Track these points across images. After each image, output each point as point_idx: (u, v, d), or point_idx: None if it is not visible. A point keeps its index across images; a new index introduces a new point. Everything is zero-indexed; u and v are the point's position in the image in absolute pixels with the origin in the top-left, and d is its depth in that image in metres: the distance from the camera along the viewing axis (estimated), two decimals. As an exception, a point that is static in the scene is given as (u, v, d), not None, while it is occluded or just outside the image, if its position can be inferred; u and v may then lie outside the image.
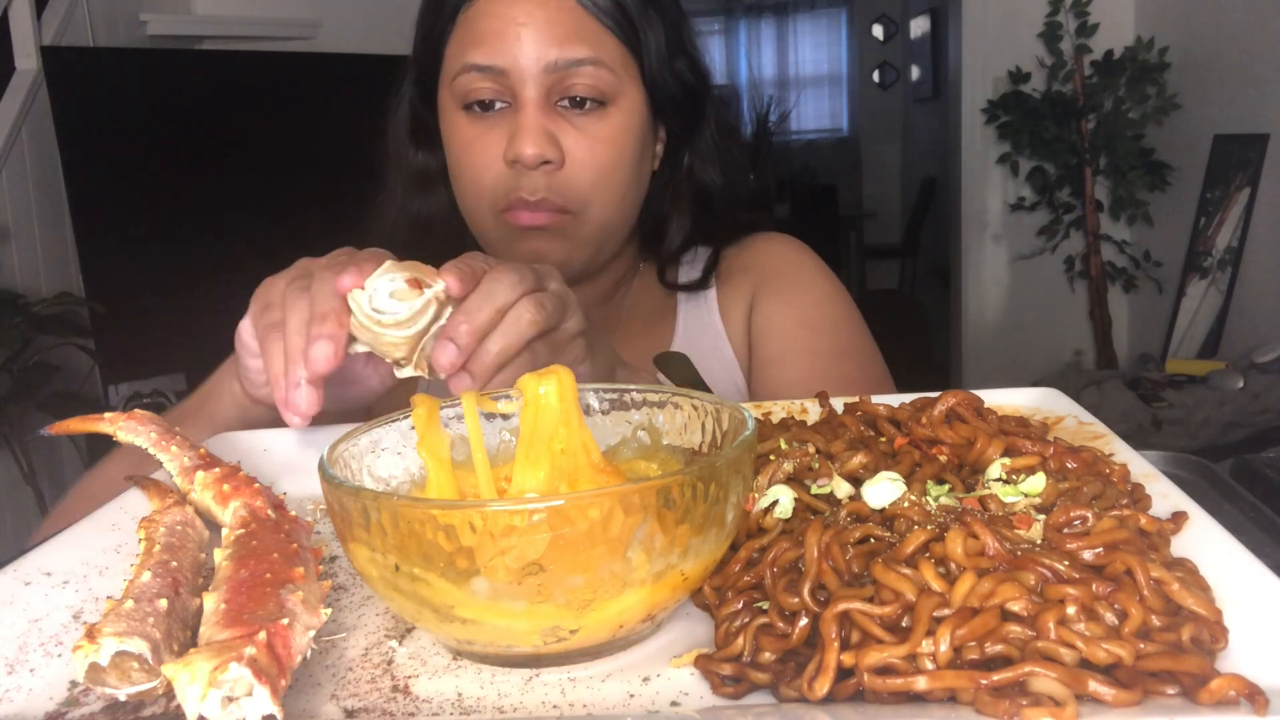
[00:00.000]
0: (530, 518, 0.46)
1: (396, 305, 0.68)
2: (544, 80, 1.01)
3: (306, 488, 0.72)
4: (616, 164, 1.05)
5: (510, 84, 1.02)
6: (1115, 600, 0.46)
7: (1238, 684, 0.41)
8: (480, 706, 0.48)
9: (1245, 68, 3.72)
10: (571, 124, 1.03)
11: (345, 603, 0.60)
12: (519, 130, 1.01)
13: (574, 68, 1.01)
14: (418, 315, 0.69)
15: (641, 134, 1.08)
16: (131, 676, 0.47)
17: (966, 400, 0.67)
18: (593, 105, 1.03)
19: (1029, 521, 0.52)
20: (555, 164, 1.02)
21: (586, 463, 0.58)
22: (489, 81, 1.02)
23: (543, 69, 1.01)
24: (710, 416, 0.61)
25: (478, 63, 1.02)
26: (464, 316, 0.70)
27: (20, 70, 3.11)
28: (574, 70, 1.01)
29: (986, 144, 4.76)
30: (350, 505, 0.50)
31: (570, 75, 1.01)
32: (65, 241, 3.17)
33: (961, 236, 4.96)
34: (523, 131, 1.01)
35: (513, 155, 1.01)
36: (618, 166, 1.05)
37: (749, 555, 0.55)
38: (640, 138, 1.08)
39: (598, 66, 1.02)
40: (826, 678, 0.45)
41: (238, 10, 4.03)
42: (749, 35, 9.41)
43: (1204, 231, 3.95)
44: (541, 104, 1.02)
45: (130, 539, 0.66)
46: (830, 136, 9.32)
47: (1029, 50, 4.57)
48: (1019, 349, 4.87)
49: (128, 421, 0.71)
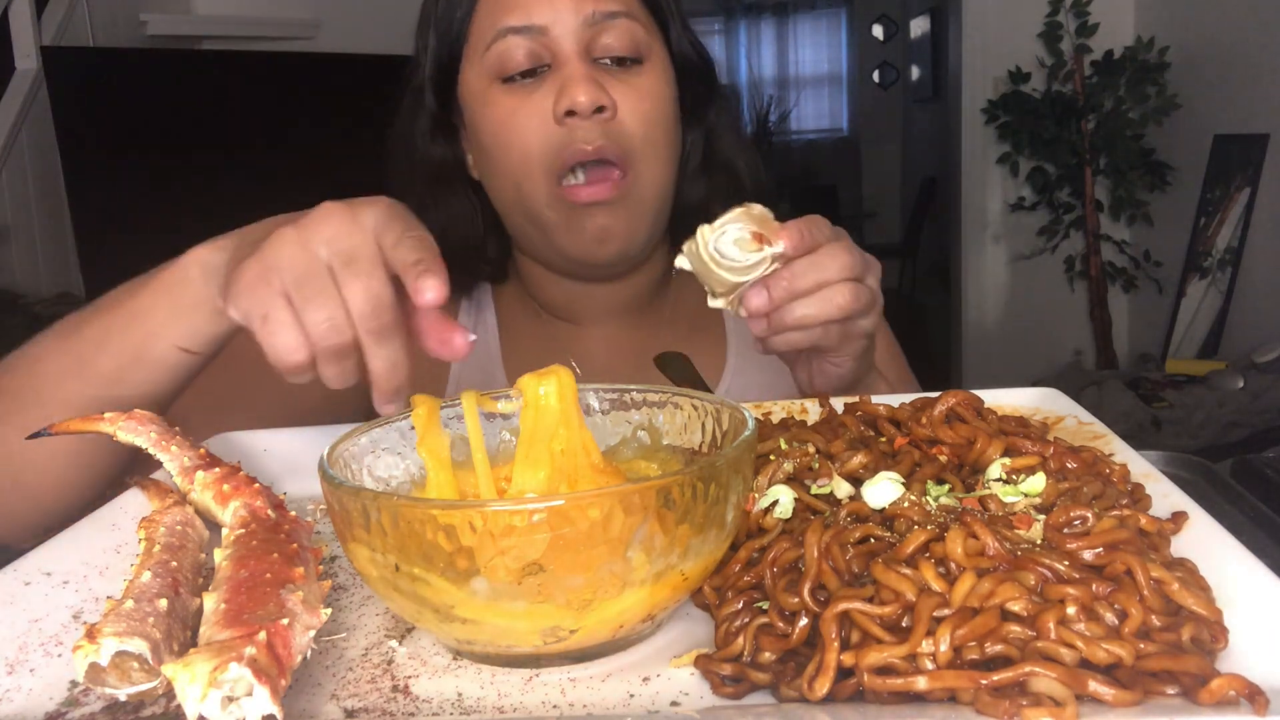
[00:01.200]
0: (530, 518, 0.46)
1: (737, 253, 0.75)
2: (584, 34, 1.01)
3: (306, 488, 0.72)
4: (662, 116, 1.05)
5: (550, 42, 1.01)
6: (1115, 600, 0.46)
7: (1238, 684, 0.41)
8: (480, 706, 0.48)
9: (1245, 68, 3.72)
10: (613, 77, 1.02)
11: (345, 603, 0.60)
12: (569, 81, 0.99)
13: (611, 20, 1.01)
14: (752, 268, 0.76)
15: (674, 95, 1.08)
16: (131, 676, 0.47)
17: (966, 400, 0.67)
18: (630, 64, 1.03)
19: (1029, 521, 0.52)
20: (608, 111, 1.00)
21: (586, 463, 0.58)
22: (527, 43, 1.01)
23: (582, 21, 1.01)
24: (710, 416, 0.61)
25: (514, 24, 1.01)
26: (789, 277, 0.76)
27: (20, 70, 3.11)
28: (611, 23, 1.01)
29: (986, 144, 4.76)
30: (350, 505, 0.50)
31: (607, 29, 1.01)
32: (65, 241, 3.17)
33: (961, 236, 4.96)
34: (573, 81, 0.99)
35: (566, 105, 0.99)
36: (663, 119, 1.05)
37: (749, 555, 0.55)
38: (674, 98, 1.08)
39: (632, 19, 1.03)
40: (826, 678, 0.45)
41: (238, 10, 4.03)
42: (749, 35, 9.41)
43: (1204, 231, 3.95)
44: (584, 57, 1.01)
45: (130, 539, 0.66)
46: (830, 136, 9.32)
47: (1029, 50, 4.57)
48: (1019, 349, 4.87)
49: (128, 421, 0.71)
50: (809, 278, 0.77)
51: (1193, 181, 4.03)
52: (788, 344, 0.80)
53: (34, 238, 3.12)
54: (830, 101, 9.39)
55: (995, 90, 4.68)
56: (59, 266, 3.19)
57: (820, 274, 0.77)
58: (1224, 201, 3.83)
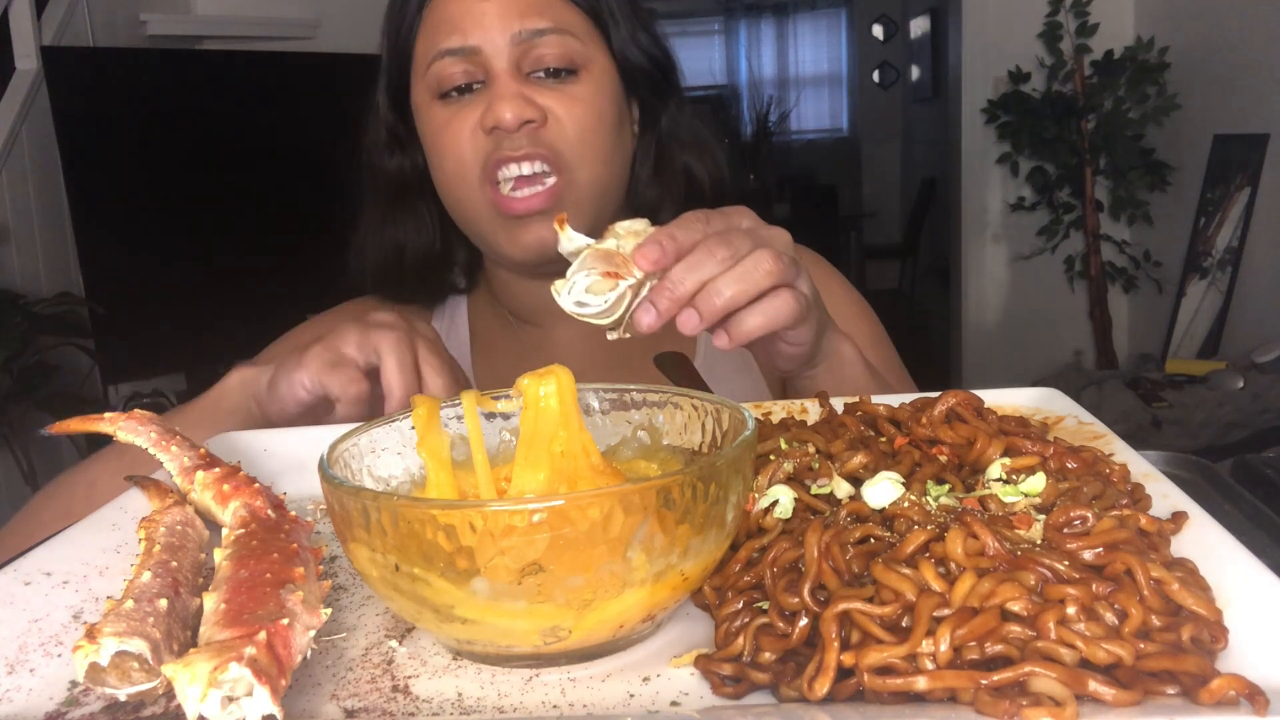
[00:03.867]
0: (530, 518, 0.46)
1: (593, 299, 0.73)
2: (513, 52, 1.04)
3: (306, 488, 0.72)
4: (597, 122, 1.07)
5: (483, 61, 1.04)
6: (1115, 600, 0.46)
7: (1238, 684, 0.41)
8: (480, 706, 0.48)
9: (1245, 68, 3.72)
10: (547, 89, 1.05)
11: (345, 603, 0.60)
12: (495, 98, 1.03)
13: (540, 37, 1.04)
14: (614, 306, 0.73)
15: (616, 99, 1.10)
16: (131, 676, 0.47)
17: (966, 400, 0.67)
18: (565, 75, 1.06)
19: (1029, 521, 0.52)
20: (536, 122, 1.03)
21: (586, 465, 0.58)
22: (462, 63, 1.05)
23: (510, 40, 1.04)
24: (710, 416, 0.61)
25: (449, 47, 1.05)
26: (669, 286, 0.73)
27: (20, 70, 3.11)
28: (540, 39, 1.04)
29: (986, 144, 4.76)
30: (350, 505, 0.50)
31: (537, 45, 1.04)
32: (65, 241, 3.17)
33: (961, 236, 4.96)
34: (499, 98, 1.03)
35: (492, 121, 1.03)
36: (599, 125, 1.07)
37: (749, 555, 0.55)
38: (615, 103, 1.10)
39: (562, 34, 1.05)
40: (826, 678, 0.45)
41: (238, 10, 4.03)
42: (749, 35, 9.42)
43: (1204, 231, 3.95)
44: (514, 73, 1.04)
45: (130, 539, 0.66)
46: (830, 136, 9.32)
47: (1029, 50, 4.57)
48: (1019, 349, 4.87)
49: (128, 421, 0.71)
50: (688, 283, 0.73)
51: (1193, 181, 4.03)
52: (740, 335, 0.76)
53: (34, 238, 3.12)
54: (830, 101, 9.40)
55: (995, 90, 4.68)
56: (59, 266, 3.19)
57: (697, 274, 0.73)
58: (1224, 201, 3.83)
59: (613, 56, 1.10)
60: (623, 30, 1.10)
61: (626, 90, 1.12)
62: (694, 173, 1.18)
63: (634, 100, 1.15)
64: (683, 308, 0.73)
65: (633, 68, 1.12)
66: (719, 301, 0.73)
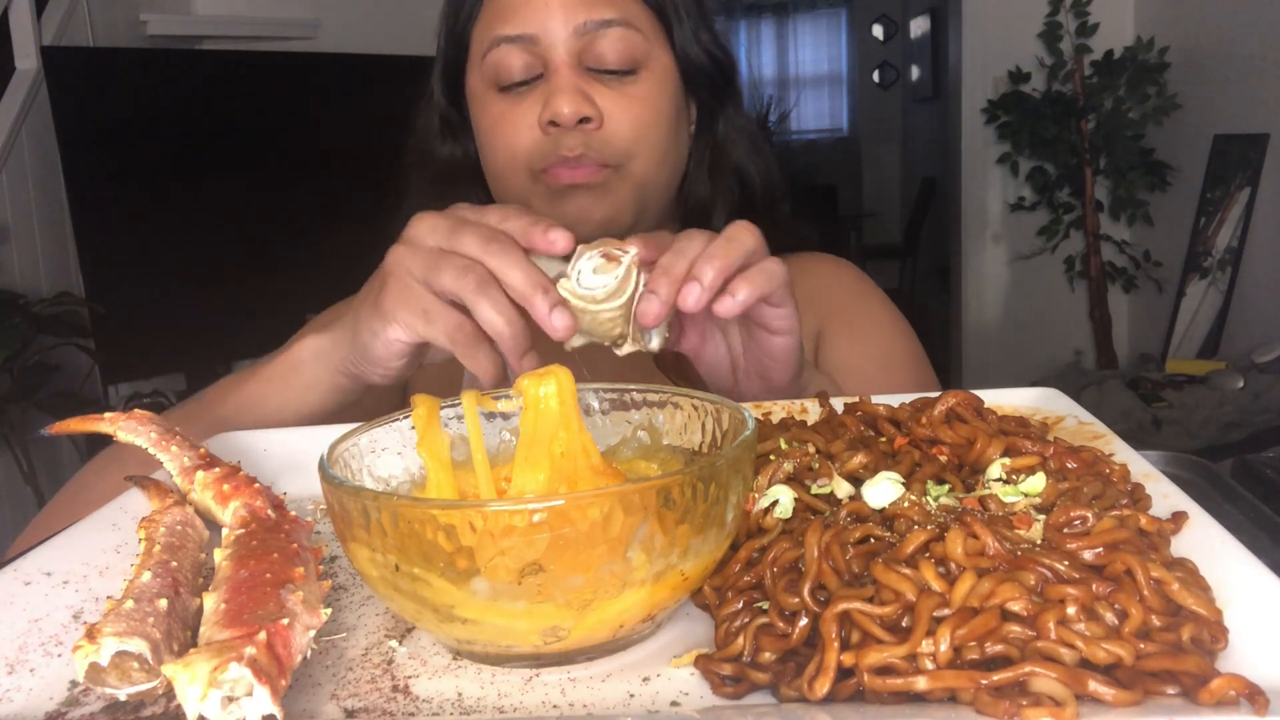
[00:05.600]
0: (530, 518, 0.46)
1: (602, 279, 0.73)
2: (574, 44, 1.01)
3: (306, 488, 0.72)
4: (655, 121, 1.05)
5: (541, 51, 1.02)
6: (1115, 600, 0.46)
7: (1238, 684, 0.41)
8: (480, 706, 0.48)
9: (1245, 68, 3.72)
10: (606, 86, 1.03)
11: (345, 603, 0.60)
12: (554, 92, 1.00)
13: (603, 29, 1.01)
14: (624, 283, 0.73)
15: (675, 98, 1.08)
16: (131, 676, 0.47)
17: (966, 400, 0.67)
18: (625, 74, 1.03)
19: (1029, 521, 0.52)
20: (593, 122, 1.01)
21: (586, 466, 0.58)
22: (520, 52, 1.02)
23: (572, 31, 1.01)
24: (710, 416, 0.61)
25: (507, 34, 1.02)
26: (664, 269, 0.73)
27: (20, 70, 3.11)
28: (603, 32, 1.01)
29: (986, 144, 4.76)
30: (350, 505, 0.50)
31: (600, 38, 1.01)
32: (65, 241, 3.18)
33: (961, 236, 4.96)
34: (558, 92, 1.00)
35: (549, 116, 1.00)
36: (656, 123, 1.05)
37: (749, 555, 0.55)
38: (674, 101, 1.07)
39: (626, 28, 1.02)
40: (826, 678, 0.45)
41: (238, 10, 4.03)
42: (749, 35, 9.41)
43: (1204, 231, 3.95)
44: (574, 67, 1.02)
45: (130, 539, 0.66)
46: (830, 136, 9.32)
47: (1029, 50, 4.57)
48: (1019, 349, 4.87)
49: (128, 421, 0.71)
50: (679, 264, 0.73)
51: (1193, 181, 4.04)
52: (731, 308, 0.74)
53: (34, 238, 3.12)
54: (830, 101, 9.39)
55: (995, 90, 4.68)
56: (59, 266, 3.19)
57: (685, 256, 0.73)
58: (1224, 201, 3.83)
59: (674, 54, 1.08)
60: (686, 27, 1.08)
61: (686, 89, 1.10)
62: (747, 175, 1.16)
63: (692, 100, 1.13)
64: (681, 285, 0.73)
65: (694, 67, 1.09)
66: (712, 268, 0.72)
